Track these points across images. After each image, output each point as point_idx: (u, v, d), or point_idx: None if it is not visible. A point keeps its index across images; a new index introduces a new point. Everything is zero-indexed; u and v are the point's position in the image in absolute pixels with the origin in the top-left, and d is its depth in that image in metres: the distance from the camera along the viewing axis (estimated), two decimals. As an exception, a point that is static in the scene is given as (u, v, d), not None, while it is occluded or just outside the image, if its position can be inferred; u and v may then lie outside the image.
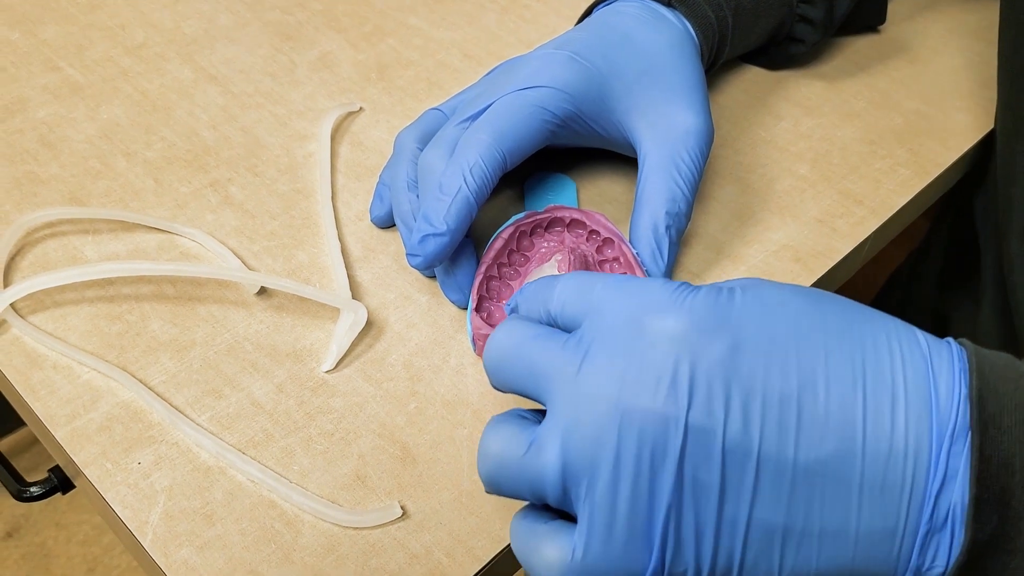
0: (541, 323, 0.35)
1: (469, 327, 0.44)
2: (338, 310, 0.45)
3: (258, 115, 0.55)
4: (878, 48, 0.66)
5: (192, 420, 0.41)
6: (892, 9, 0.67)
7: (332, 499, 0.39)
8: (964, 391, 0.30)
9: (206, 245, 0.48)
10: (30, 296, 0.45)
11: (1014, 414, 0.30)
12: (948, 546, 0.30)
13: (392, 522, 0.39)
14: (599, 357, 0.32)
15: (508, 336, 0.34)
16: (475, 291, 0.44)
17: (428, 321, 0.46)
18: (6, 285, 0.45)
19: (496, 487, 0.34)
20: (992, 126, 0.60)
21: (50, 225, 0.48)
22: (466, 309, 0.46)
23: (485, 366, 0.35)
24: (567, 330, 0.34)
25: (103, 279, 0.46)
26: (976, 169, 0.62)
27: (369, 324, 0.45)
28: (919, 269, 0.76)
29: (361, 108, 0.57)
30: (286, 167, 0.52)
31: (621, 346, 0.31)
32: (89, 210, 0.48)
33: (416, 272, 0.48)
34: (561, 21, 0.64)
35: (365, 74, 0.59)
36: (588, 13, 0.54)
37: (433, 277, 0.48)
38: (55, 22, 0.60)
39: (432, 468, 0.41)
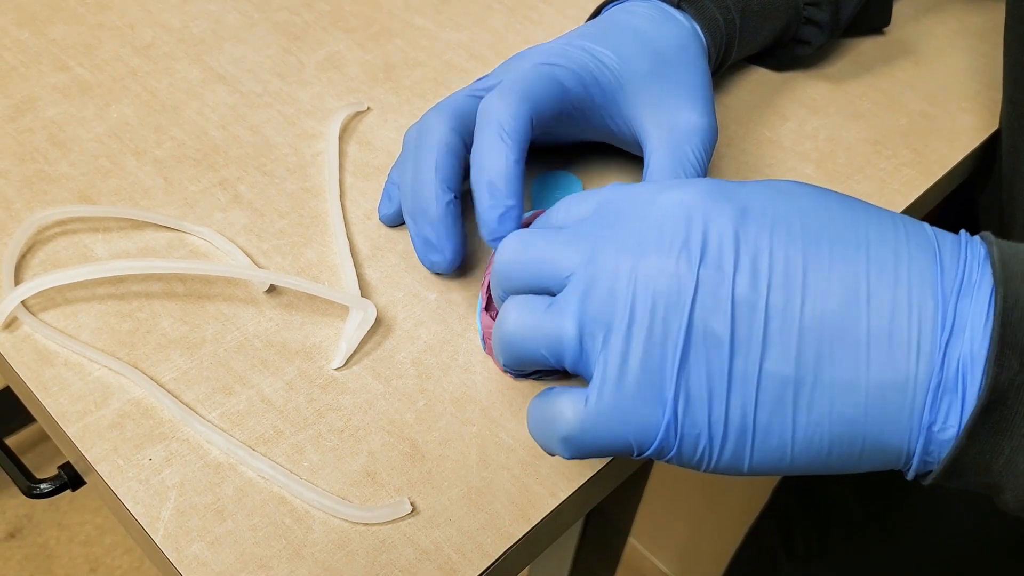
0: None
1: (479, 326, 0.44)
2: (347, 308, 0.45)
3: (267, 114, 0.56)
4: (883, 49, 0.66)
5: (203, 417, 0.41)
6: (897, 10, 0.68)
7: (342, 495, 0.39)
8: (981, 252, 0.32)
9: (215, 243, 0.48)
10: (41, 293, 0.45)
11: None
12: (960, 404, 0.30)
13: (402, 518, 0.39)
14: (613, 230, 0.34)
15: (518, 245, 0.37)
16: (484, 290, 0.44)
17: (437, 319, 0.46)
18: (17, 283, 0.45)
19: (515, 350, 0.35)
20: (997, 126, 0.60)
21: (60, 223, 0.48)
22: (476, 295, 0.47)
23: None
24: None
25: (113, 277, 0.46)
26: (980, 167, 0.62)
27: (378, 322, 0.46)
28: None
29: (369, 108, 0.57)
30: (295, 166, 0.53)
31: (635, 218, 0.34)
32: (99, 208, 0.48)
33: (424, 270, 0.48)
34: (568, 22, 0.64)
35: (372, 74, 0.59)
36: (597, 13, 0.55)
37: (440, 275, 0.48)
38: (64, 22, 0.60)
39: (441, 465, 0.41)
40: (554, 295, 0.36)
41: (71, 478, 0.46)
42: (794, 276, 0.32)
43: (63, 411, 0.41)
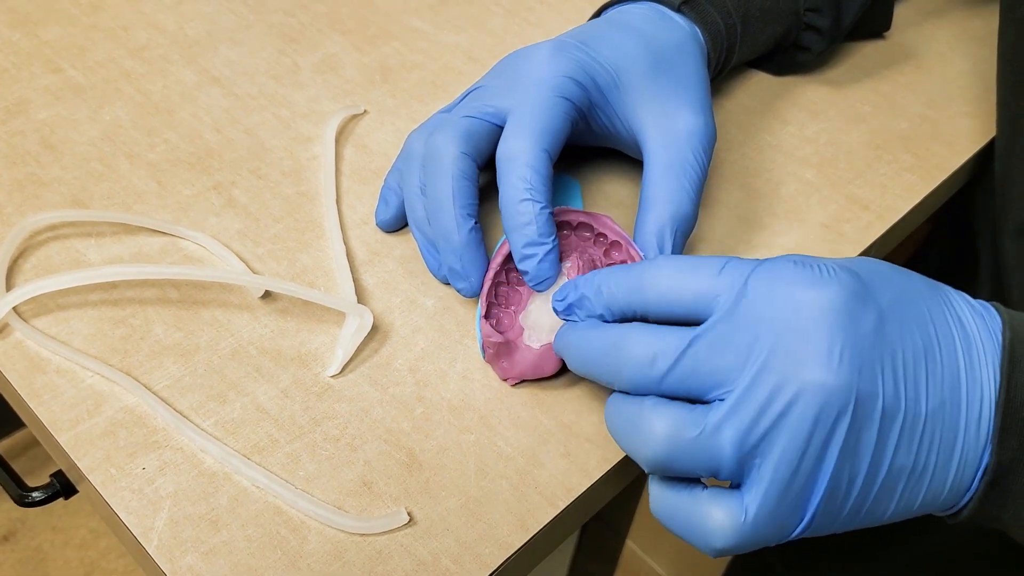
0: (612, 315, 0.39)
1: (479, 334, 0.44)
2: (343, 314, 0.45)
3: (261, 117, 0.55)
4: (884, 53, 0.66)
5: (197, 425, 0.41)
6: (898, 15, 0.67)
7: (338, 505, 0.39)
8: (998, 324, 0.36)
9: (210, 248, 0.47)
10: (33, 299, 0.44)
11: None
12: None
13: (399, 528, 0.38)
14: (761, 338, 0.34)
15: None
16: (484, 297, 0.44)
17: (434, 326, 0.46)
18: (8, 288, 0.45)
19: (667, 467, 0.35)
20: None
21: (52, 228, 0.48)
22: (475, 302, 0.46)
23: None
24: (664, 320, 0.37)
25: (106, 282, 0.45)
26: (978, 170, 0.62)
27: (375, 329, 0.45)
28: (918, 270, 0.76)
29: (365, 111, 0.56)
30: (290, 170, 0.52)
31: (779, 323, 0.34)
32: (92, 213, 0.48)
33: (422, 276, 0.47)
34: (566, 24, 0.64)
35: (369, 77, 0.59)
36: (597, 16, 0.54)
37: (441, 283, 0.47)
38: (57, 23, 0.60)
39: (439, 474, 0.40)
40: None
41: (63, 486, 0.45)
42: (920, 375, 0.34)
43: (55, 419, 0.41)
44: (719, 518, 0.34)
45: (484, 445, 0.41)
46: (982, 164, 0.61)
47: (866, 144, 0.58)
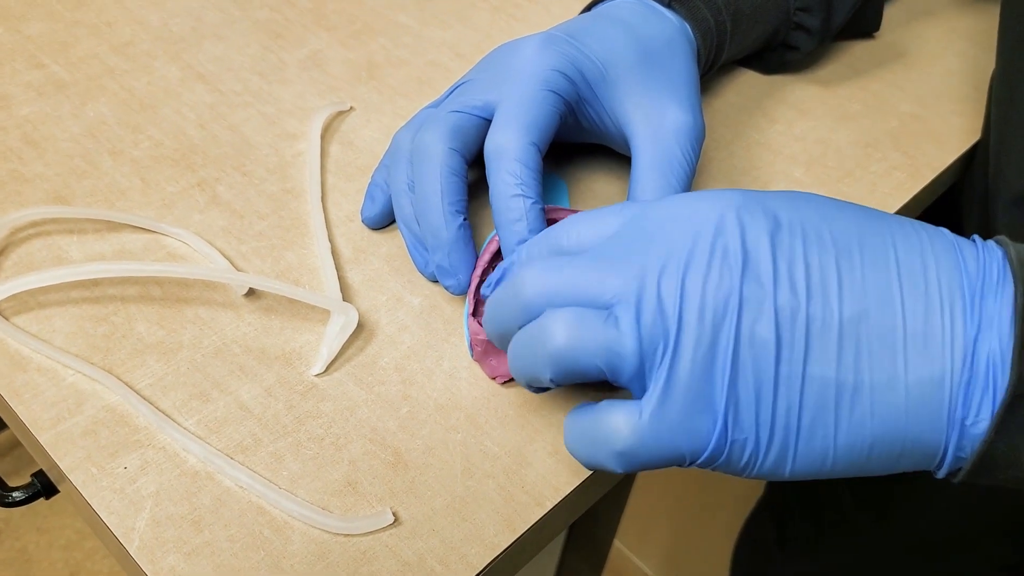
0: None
1: (467, 331, 0.43)
2: (328, 312, 0.44)
3: (246, 114, 0.54)
4: (873, 51, 0.65)
5: (179, 424, 0.40)
6: (888, 14, 0.67)
7: (322, 505, 0.38)
8: (999, 253, 0.33)
9: (193, 246, 0.47)
10: (13, 297, 0.44)
11: None
12: (992, 399, 0.32)
13: (384, 529, 0.38)
14: (650, 247, 0.34)
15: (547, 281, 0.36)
16: (471, 295, 0.43)
17: (420, 324, 0.45)
18: (-12, 286, 0.44)
19: (570, 363, 0.35)
20: (987, 129, 0.60)
21: (34, 225, 0.47)
22: (463, 300, 0.46)
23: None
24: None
25: (88, 280, 0.45)
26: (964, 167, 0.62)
27: (360, 327, 0.45)
28: None
29: (351, 107, 0.56)
30: (275, 167, 0.52)
31: (671, 234, 0.34)
32: (74, 209, 0.47)
33: (408, 274, 0.47)
34: (552, 20, 0.63)
35: (355, 73, 0.58)
36: (587, 11, 0.54)
37: (429, 281, 0.47)
38: (40, 19, 0.59)
39: (425, 474, 0.40)
40: None
41: (44, 486, 0.45)
42: (830, 282, 0.33)
43: (36, 418, 0.40)
44: (618, 420, 0.34)
45: (471, 444, 0.41)
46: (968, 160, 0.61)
47: (855, 142, 0.58)
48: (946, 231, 0.35)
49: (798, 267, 0.33)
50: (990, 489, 0.38)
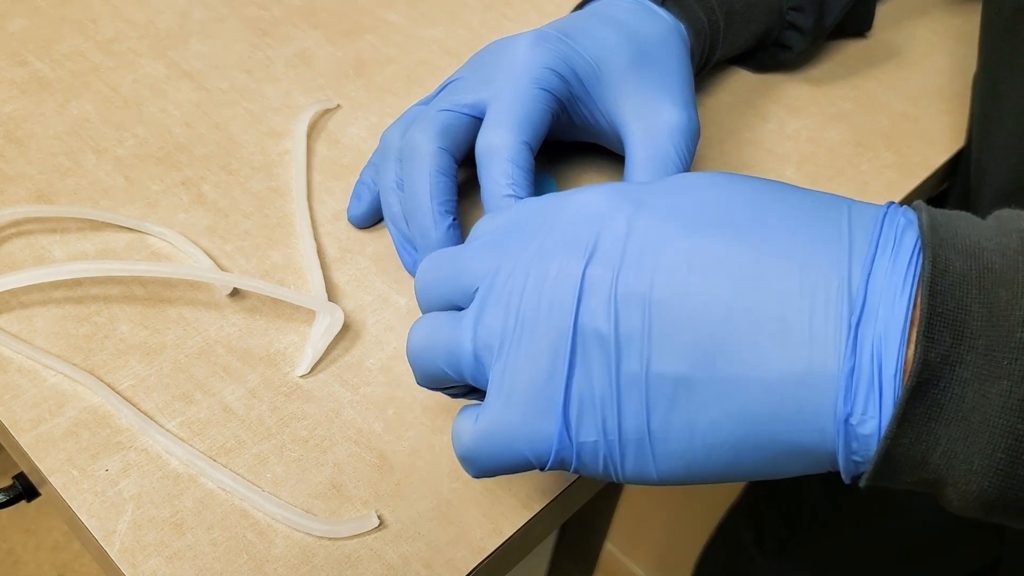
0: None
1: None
2: (313, 312, 0.44)
3: (232, 112, 0.54)
4: (865, 50, 0.65)
5: (161, 426, 0.40)
6: (880, 13, 0.67)
7: (306, 508, 0.38)
8: (902, 220, 0.29)
9: (177, 245, 0.46)
10: (-6, 297, 0.43)
11: (967, 239, 0.28)
12: (878, 391, 0.27)
13: (369, 532, 0.37)
14: (518, 238, 0.33)
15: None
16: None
17: (407, 324, 0.45)
18: (-31, 285, 0.43)
19: (420, 366, 0.35)
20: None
21: (16, 224, 0.46)
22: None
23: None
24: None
25: (71, 280, 0.44)
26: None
27: (346, 327, 0.44)
28: None
29: (338, 105, 0.55)
30: (260, 165, 0.51)
31: (541, 226, 0.33)
32: (57, 208, 0.47)
33: (395, 274, 0.47)
34: (543, 18, 0.63)
35: (343, 71, 0.58)
36: (580, 9, 0.54)
37: (413, 279, 0.46)
38: (23, 15, 0.58)
39: (410, 476, 0.39)
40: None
41: (26, 488, 0.44)
42: (680, 267, 0.29)
43: (16, 419, 0.39)
44: (461, 425, 0.33)
45: (457, 446, 0.41)
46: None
47: (847, 141, 0.58)
48: (846, 201, 0.31)
49: (648, 251, 0.30)
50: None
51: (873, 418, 0.27)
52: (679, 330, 0.29)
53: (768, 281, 0.28)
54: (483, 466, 0.33)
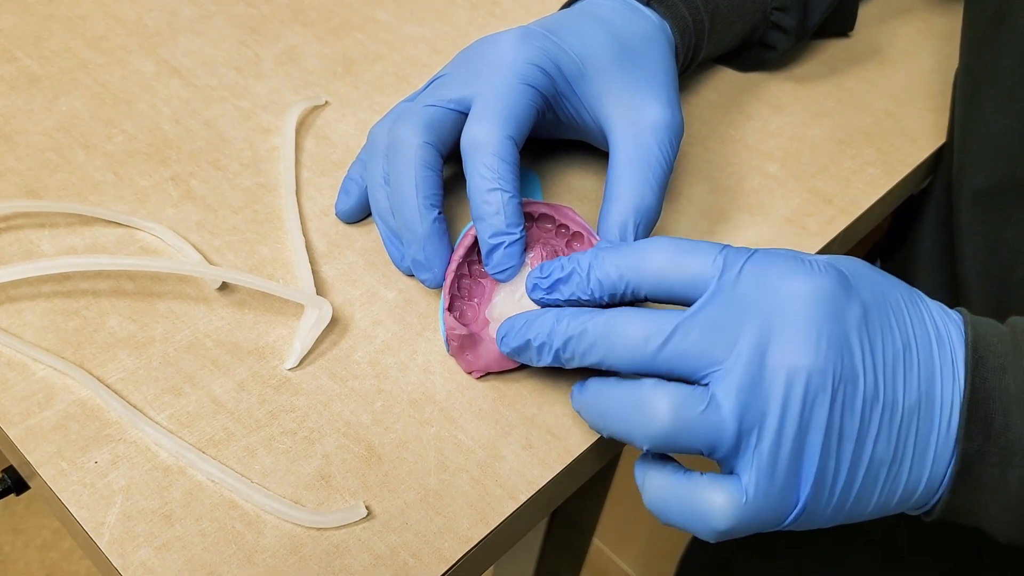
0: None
1: (442, 326, 0.43)
2: (302, 306, 0.44)
3: (221, 108, 0.54)
4: (848, 49, 0.66)
5: (151, 418, 0.40)
6: (863, 12, 0.67)
7: (295, 499, 0.38)
8: (958, 338, 0.37)
9: (166, 240, 0.47)
10: (-17, 291, 0.43)
11: (996, 358, 0.37)
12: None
13: (357, 522, 0.38)
14: (749, 319, 0.36)
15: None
16: (447, 290, 0.43)
17: (395, 318, 0.45)
18: (-42, 279, 0.44)
19: (670, 444, 0.36)
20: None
21: (5, 218, 0.47)
22: (438, 294, 0.46)
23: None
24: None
25: (60, 274, 0.44)
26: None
27: (334, 321, 0.44)
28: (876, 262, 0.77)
29: (327, 102, 0.56)
30: (249, 161, 0.51)
31: (769, 307, 0.36)
32: (46, 203, 0.47)
33: (383, 268, 0.47)
34: (530, 17, 0.63)
35: (331, 68, 0.58)
36: (567, 7, 0.54)
37: (404, 275, 0.47)
38: (12, 12, 0.58)
39: (398, 467, 0.40)
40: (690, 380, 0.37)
41: (15, 482, 0.44)
42: (898, 371, 0.36)
43: (5, 413, 0.40)
44: (720, 500, 0.35)
45: (444, 438, 0.41)
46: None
47: (830, 139, 0.58)
48: (941, 308, 0.39)
49: (878, 352, 0.36)
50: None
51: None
52: (896, 424, 0.36)
53: (941, 390, 0.37)
54: (733, 536, 0.36)
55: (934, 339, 0.37)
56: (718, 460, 0.36)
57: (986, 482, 0.36)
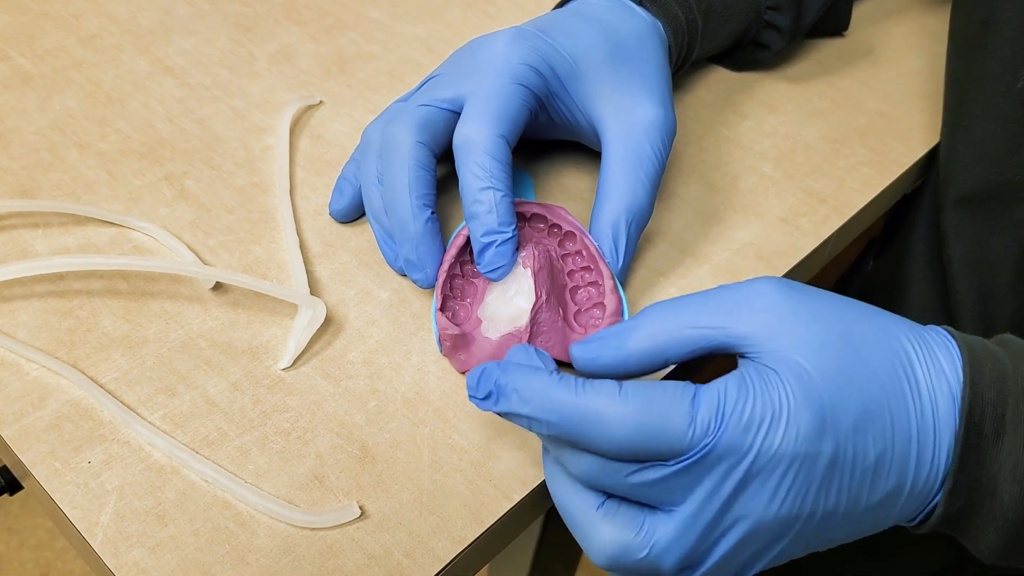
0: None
1: (435, 326, 0.43)
2: (296, 306, 0.44)
3: (215, 108, 0.54)
4: (842, 49, 0.66)
5: (144, 418, 0.40)
6: (856, 12, 0.67)
7: (289, 499, 0.38)
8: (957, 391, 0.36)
9: (160, 239, 0.46)
10: (-24, 291, 0.43)
11: (991, 420, 0.35)
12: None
13: (350, 522, 0.38)
14: (718, 471, 0.34)
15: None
16: (439, 290, 0.43)
17: (389, 318, 0.45)
18: (-49, 279, 0.44)
19: (612, 571, 0.37)
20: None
21: (-2, 218, 0.47)
22: (431, 294, 0.46)
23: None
24: None
25: (53, 274, 0.44)
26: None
27: (328, 321, 0.44)
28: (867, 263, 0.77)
29: (321, 101, 0.56)
30: (243, 160, 0.51)
31: (735, 460, 0.34)
32: (39, 203, 0.47)
33: (377, 268, 0.47)
34: (525, 17, 0.63)
35: (326, 67, 0.58)
36: (560, 7, 0.54)
37: (398, 275, 0.47)
38: (6, 11, 0.58)
39: (392, 467, 0.40)
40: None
41: (8, 482, 0.44)
42: (864, 484, 0.35)
43: (-2, 412, 0.40)
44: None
45: (438, 438, 0.41)
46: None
47: (823, 138, 0.58)
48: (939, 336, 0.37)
49: (844, 483, 0.35)
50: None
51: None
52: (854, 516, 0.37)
53: (919, 481, 0.36)
54: None
55: (916, 436, 0.35)
56: None
57: (976, 524, 0.37)
